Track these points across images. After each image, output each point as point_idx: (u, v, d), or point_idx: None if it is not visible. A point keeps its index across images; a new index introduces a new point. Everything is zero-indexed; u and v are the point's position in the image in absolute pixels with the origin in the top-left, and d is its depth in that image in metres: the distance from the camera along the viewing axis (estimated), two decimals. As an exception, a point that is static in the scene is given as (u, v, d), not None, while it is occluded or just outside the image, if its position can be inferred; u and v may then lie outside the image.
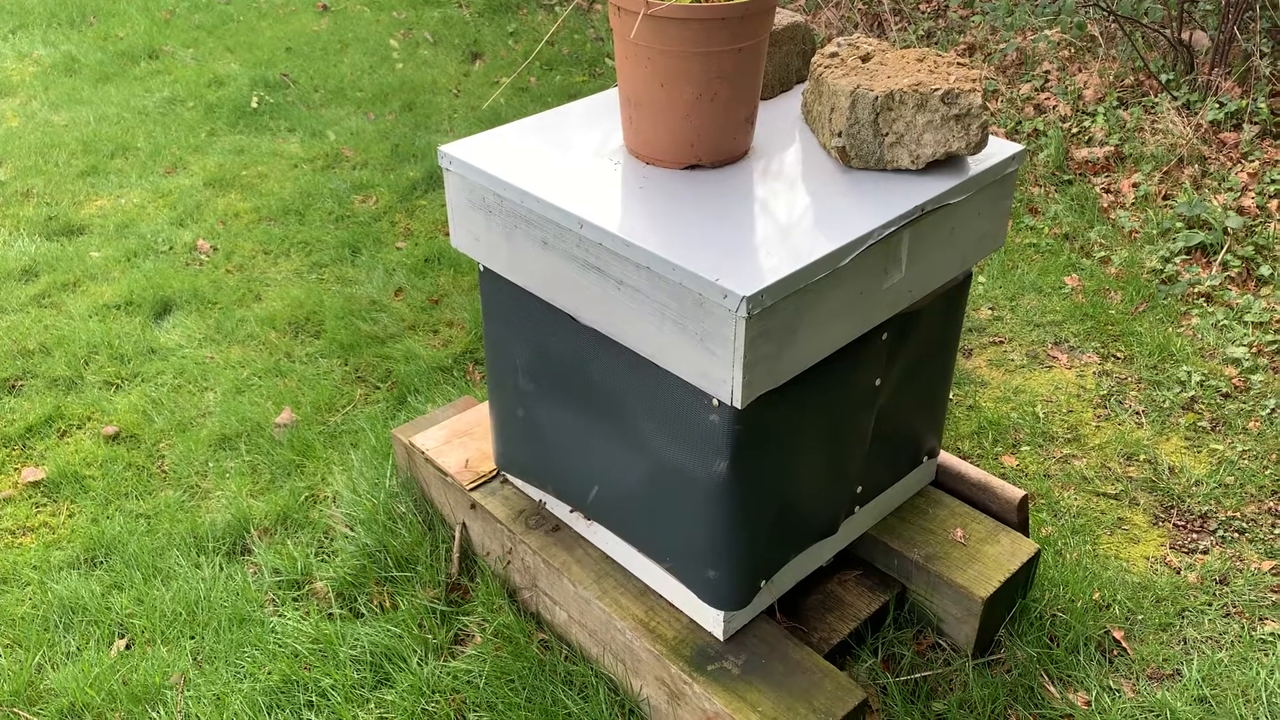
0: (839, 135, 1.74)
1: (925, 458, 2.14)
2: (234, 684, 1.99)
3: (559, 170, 1.79)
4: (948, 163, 1.80)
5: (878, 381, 1.84)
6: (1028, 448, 2.68)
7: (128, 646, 2.09)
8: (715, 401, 1.61)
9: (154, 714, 1.95)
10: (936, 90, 1.67)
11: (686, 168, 1.77)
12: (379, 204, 4.03)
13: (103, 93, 5.04)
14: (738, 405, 1.56)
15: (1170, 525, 2.45)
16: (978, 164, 1.80)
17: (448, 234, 3.82)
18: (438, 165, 4.22)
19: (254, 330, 3.26)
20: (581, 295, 1.69)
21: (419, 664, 1.98)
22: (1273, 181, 3.79)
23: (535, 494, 2.12)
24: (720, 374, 1.54)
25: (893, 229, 1.66)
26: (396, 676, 1.96)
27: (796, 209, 1.69)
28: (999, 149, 1.84)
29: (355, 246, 3.71)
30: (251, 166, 4.34)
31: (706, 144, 1.73)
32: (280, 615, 2.12)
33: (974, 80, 1.70)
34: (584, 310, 1.70)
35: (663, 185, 1.75)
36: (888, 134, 1.72)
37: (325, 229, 3.85)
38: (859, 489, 1.99)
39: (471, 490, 2.15)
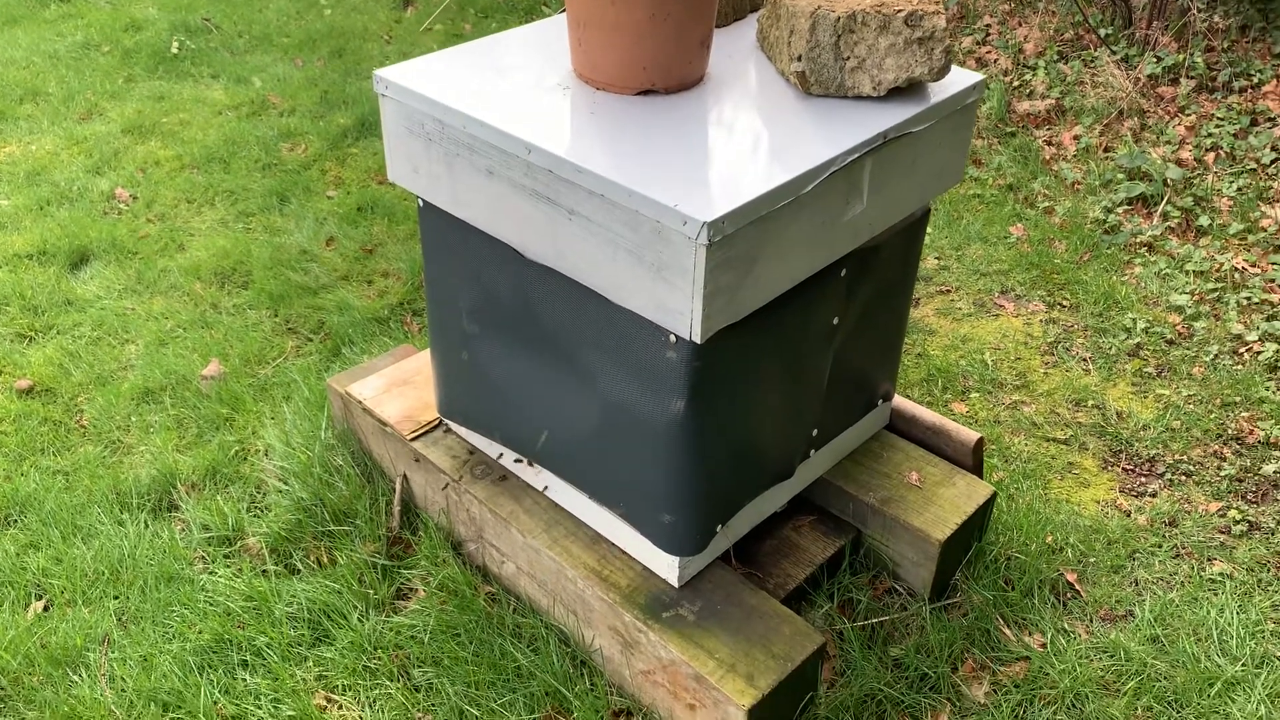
0: (798, 59, 1.66)
1: (880, 401, 2.12)
2: (162, 644, 1.92)
3: (504, 94, 1.69)
4: (909, 90, 1.74)
5: (835, 320, 1.80)
6: (977, 394, 2.67)
7: (46, 608, 2.01)
8: (672, 337, 1.55)
9: (75, 677, 1.85)
10: (900, 12, 1.60)
11: (639, 93, 1.68)
12: (308, 152, 3.91)
13: (9, 36, 4.81)
14: (696, 340, 1.50)
15: (1119, 469, 2.45)
16: (939, 92, 1.74)
17: (381, 182, 3.72)
18: (370, 112, 4.12)
19: (177, 281, 3.15)
20: (529, 228, 1.61)
21: (360, 620, 1.93)
22: (1209, 135, 3.82)
23: (480, 443, 2.06)
24: (679, 306, 1.48)
25: (855, 156, 1.59)
26: (336, 633, 1.90)
27: (756, 136, 1.61)
28: (960, 78, 1.79)
29: (284, 195, 3.60)
30: (173, 113, 4.17)
31: (660, 67, 1.64)
32: (211, 573, 2.05)
33: (936, 3, 1.63)
34: (532, 244, 1.63)
35: (615, 110, 1.66)
36: (849, 58, 1.65)
37: (252, 177, 3.73)
38: (815, 432, 1.95)
39: (413, 440, 2.08)
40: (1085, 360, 2.79)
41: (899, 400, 2.20)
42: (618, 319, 1.59)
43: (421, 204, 1.90)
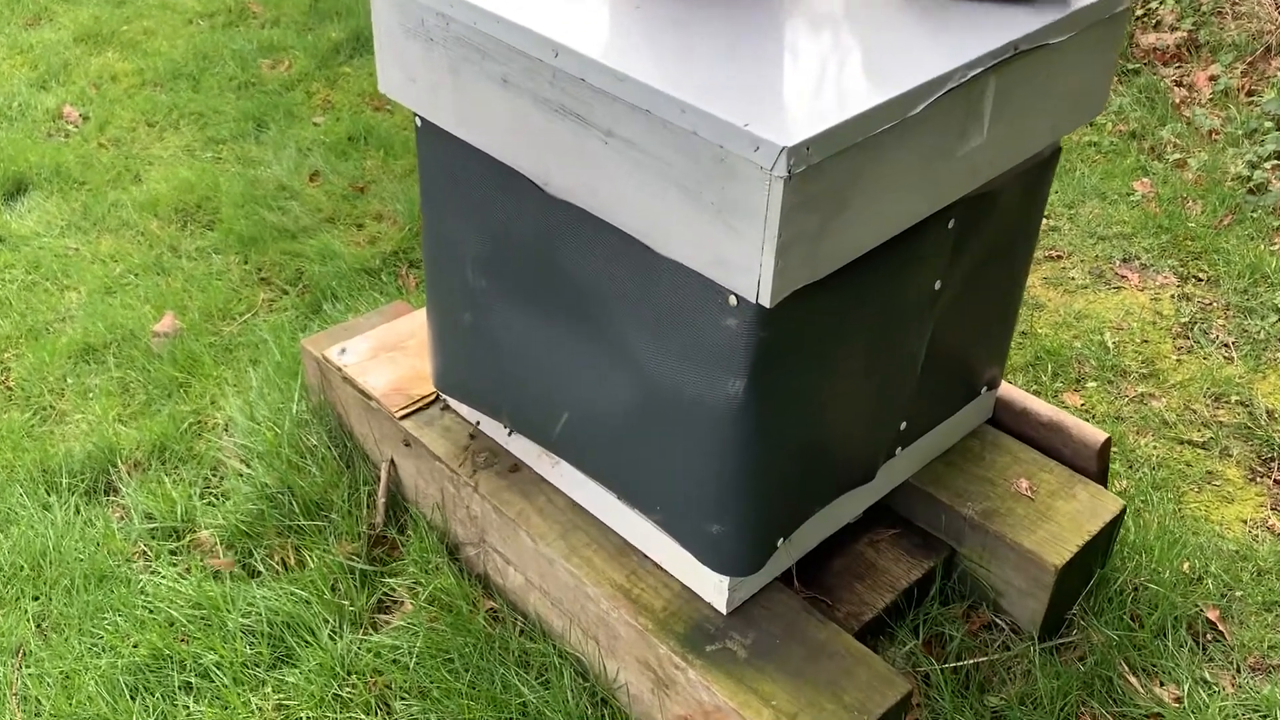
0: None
1: (984, 389, 1.99)
2: (88, 659, 1.85)
3: (526, -16, 1.52)
4: (1045, -9, 1.55)
5: (938, 285, 1.68)
6: (1095, 384, 2.57)
7: (-52, 609, 1.94)
8: (733, 299, 1.41)
9: (-21, 697, 1.72)
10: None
11: (700, -16, 1.51)
12: (292, 70, 3.82)
13: (-51, -75, 4.66)
14: (765, 302, 1.35)
15: (1270, 481, 2.32)
16: (1082, -5, 1.55)
17: (378, 108, 3.61)
18: (368, 25, 3.97)
19: (131, 218, 3.07)
20: (553, 154, 1.50)
21: (331, 637, 1.86)
22: (1381, 75, 3.58)
23: (486, 425, 1.98)
24: (743, 259, 1.34)
25: (976, 72, 1.42)
26: (302, 652, 1.83)
27: (850, 42, 1.45)
28: (1109, -21, 1.59)
29: (261, 120, 3.53)
30: (134, 21, 4.08)
31: (728, -48, 1.46)
32: (152, 573, 1.99)
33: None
34: (556, 175, 1.52)
35: (666, 7, 1.48)
36: (973, -55, 1.45)
37: (224, 98, 3.65)
38: (903, 425, 1.83)
39: (403, 418, 2.01)
40: (1227, 346, 2.69)
41: (1006, 389, 2.07)
42: (663, 274, 1.47)
43: (419, 123, 1.75)
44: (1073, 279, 2.94)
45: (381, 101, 3.62)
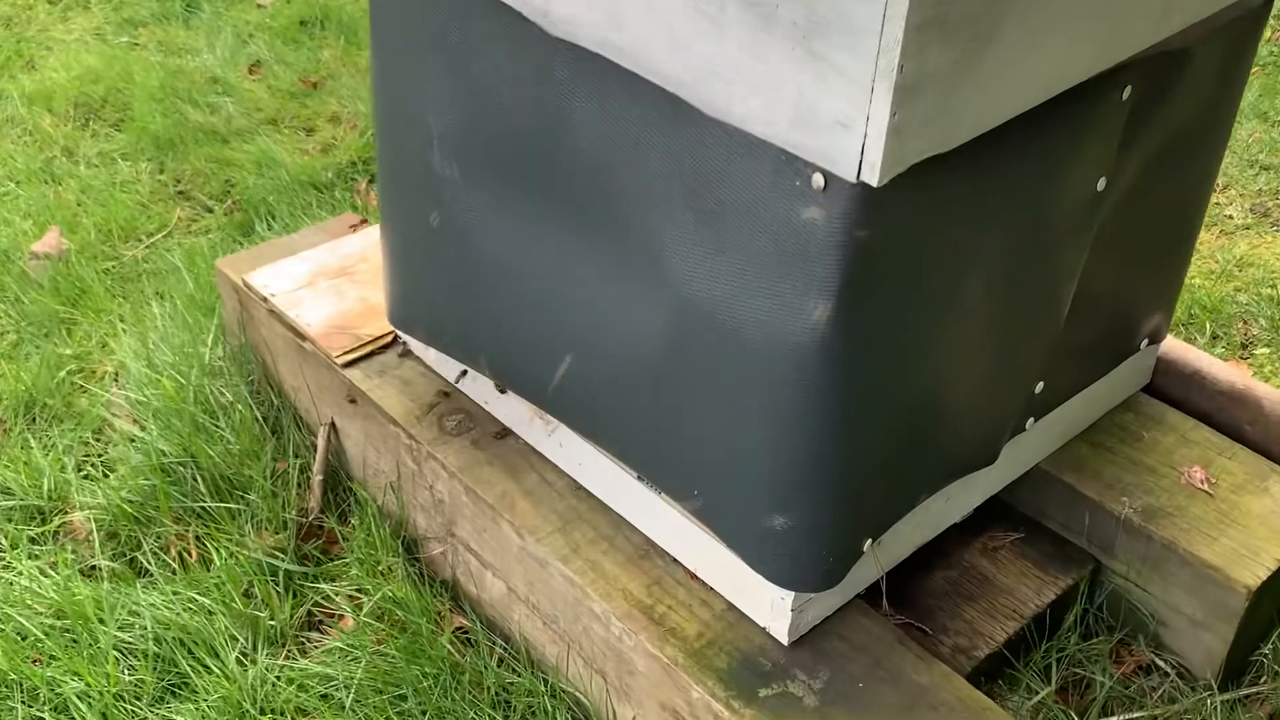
0: None
1: (1144, 342, 1.87)
2: None
3: None
4: None
5: (1102, 184, 1.50)
6: (1267, 349, 2.46)
7: None
8: (818, 179, 1.18)
9: None
10: None
11: None
12: None
13: None
14: (870, 180, 1.13)
15: None
16: None
17: None
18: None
19: (17, 112, 2.99)
20: None
21: (241, 661, 1.76)
22: None
23: (457, 374, 1.87)
24: (840, 111, 1.11)
25: None
26: (198, 681, 1.73)
27: None
28: None
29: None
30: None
31: None
32: (5, 566, 1.91)
33: None
34: (560, 1, 1.33)
35: None
36: None
37: None
38: (1039, 387, 1.67)
39: (347, 366, 1.91)
40: None
41: (1172, 345, 1.95)
42: (713, 148, 1.27)
43: (369, -60, 1.56)
44: (1230, 217, 2.87)
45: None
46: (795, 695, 1.50)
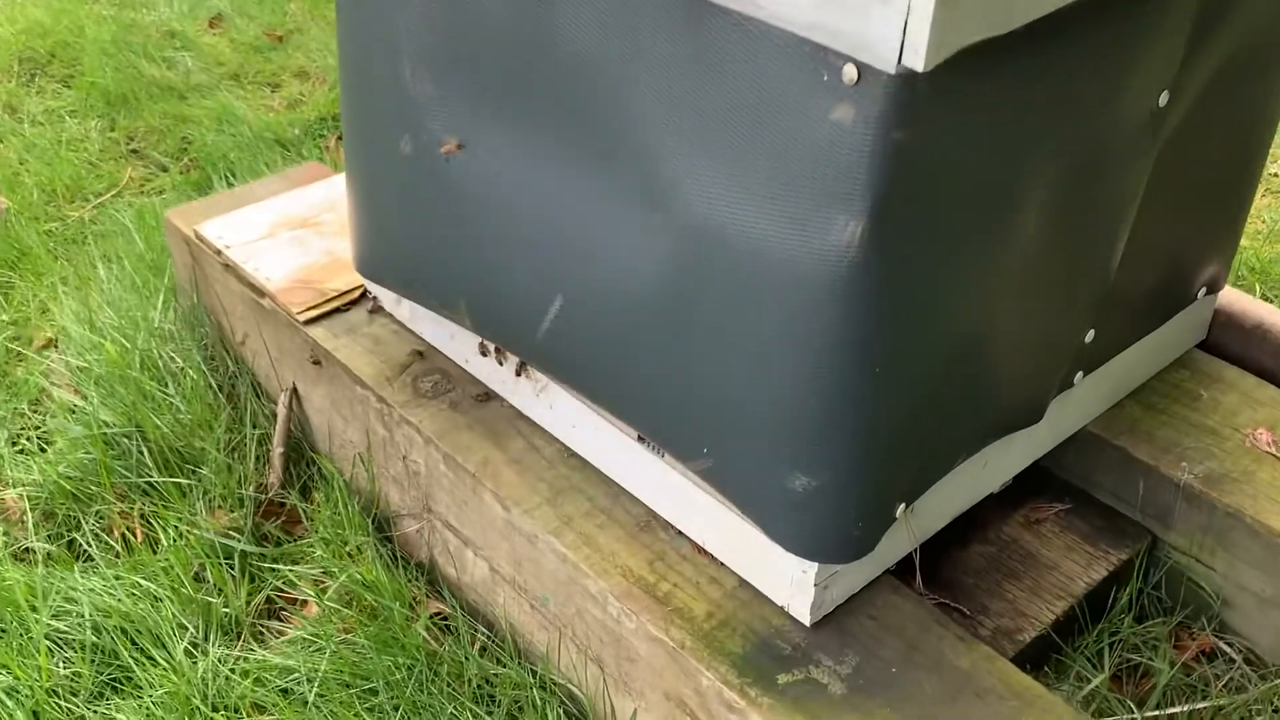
0: None
1: (1201, 291, 1.82)
2: None
3: None
4: None
5: (1164, 98, 1.42)
6: None
7: None
8: (850, 71, 1.09)
9: None
10: None
11: None
12: None
13: None
14: (914, 65, 1.03)
15: None
16: None
17: None
18: None
19: None
20: None
21: (191, 652, 1.72)
22: None
23: (435, 332, 1.81)
24: None
25: None
26: (142, 675, 1.69)
27: None
28: None
29: None
30: None
31: None
32: None
33: None
34: None
35: None
36: None
37: None
38: (1089, 336, 1.61)
39: (310, 324, 1.86)
40: None
41: (1232, 296, 1.91)
42: (728, 41, 1.19)
43: None
44: (1276, 175, 2.84)
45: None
46: (819, 682, 1.43)
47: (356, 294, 1.86)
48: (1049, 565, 1.68)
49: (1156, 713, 1.65)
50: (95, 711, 1.64)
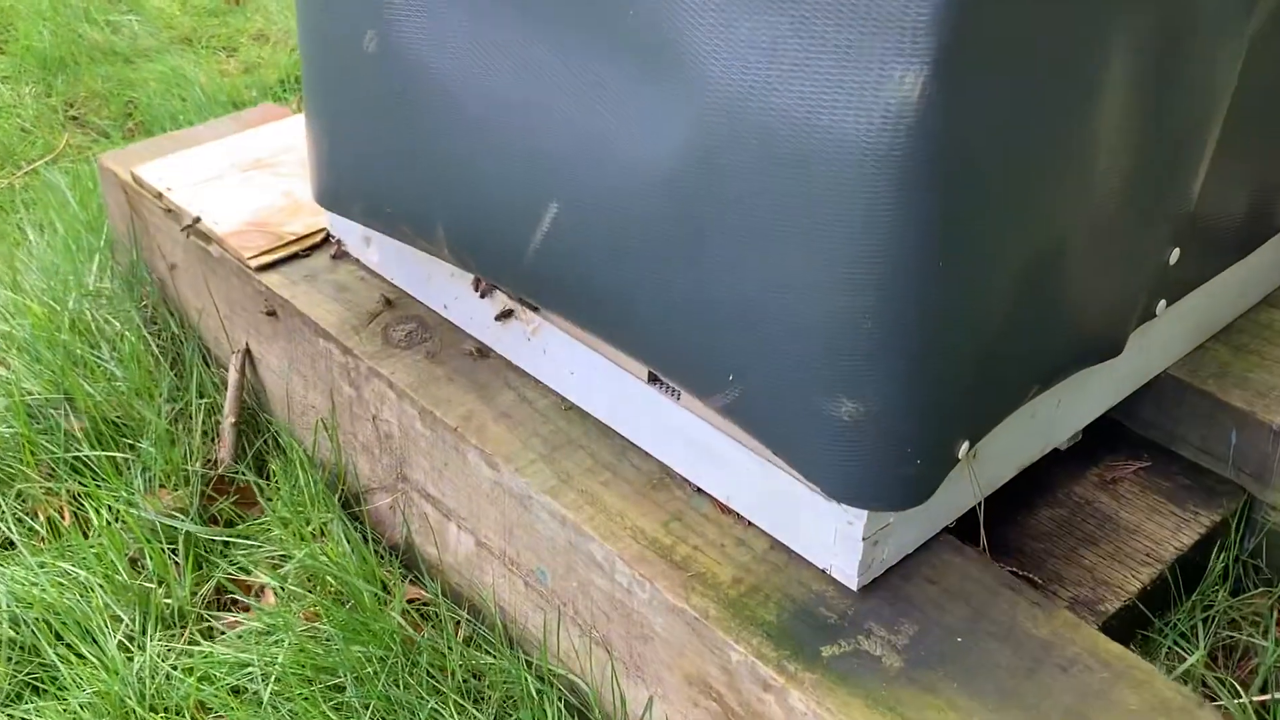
0: None
1: None
2: None
3: None
4: None
5: None
6: None
7: None
8: None
9: None
10: None
11: None
12: None
13: None
14: None
15: None
16: None
17: None
18: None
19: None
20: None
21: (124, 646, 1.66)
22: None
23: (404, 277, 1.75)
24: None
25: None
26: (68, 672, 1.62)
27: None
28: None
29: None
30: None
31: None
32: None
33: None
34: None
35: None
36: None
37: None
38: (1173, 255, 1.52)
39: (265, 270, 1.79)
40: None
41: None
42: None
43: None
44: None
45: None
46: (871, 654, 1.32)
47: (319, 238, 1.78)
48: (1130, 528, 1.60)
49: (1264, 697, 1.54)
50: (9, 716, 1.56)
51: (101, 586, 1.66)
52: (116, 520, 1.75)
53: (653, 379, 1.45)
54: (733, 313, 1.30)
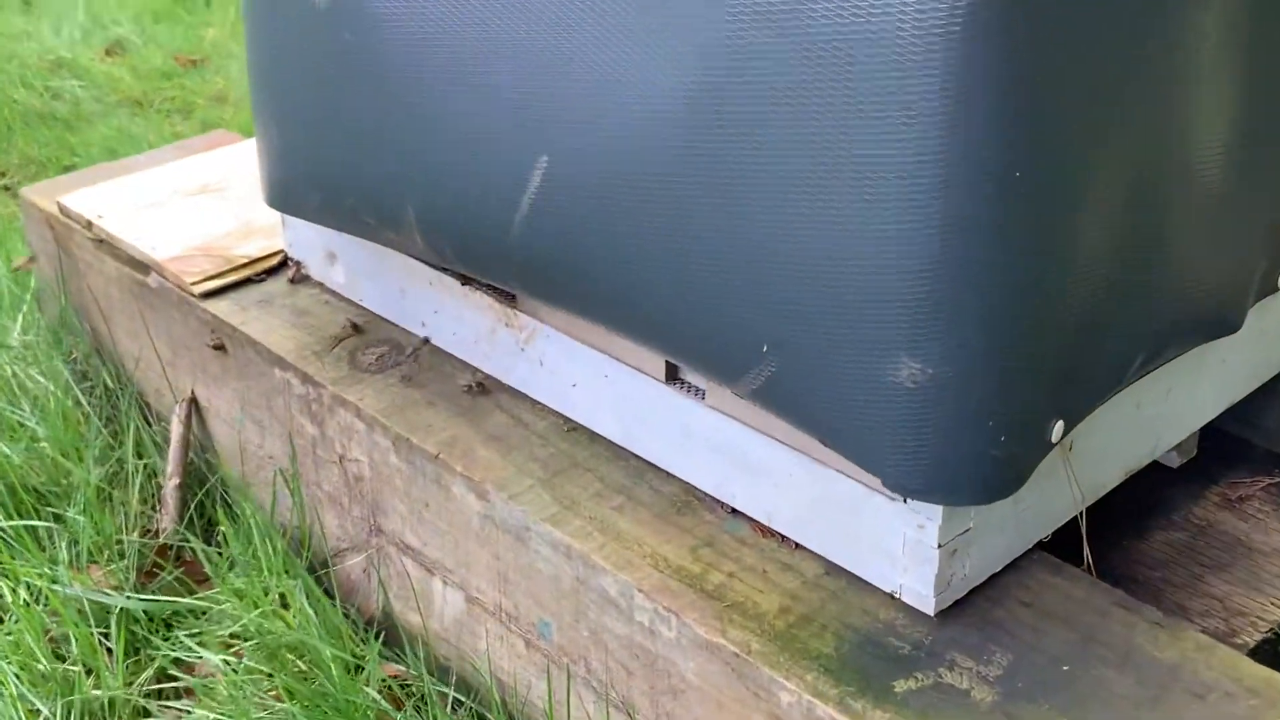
0: None
1: None
2: None
3: None
4: None
5: None
6: None
7: None
8: None
9: None
10: None
11: None
12: None
13: None
14: None
15: None
16: None
17: None
18: None
19: None
20: None
21: None
22: None
23: (376, 296, 1.72)
24: None
25: None
26: None
27: None
28: None
29: None
30: None
31: None
32: None
33: None
34: None
35: None
36: None
37: None
38: None
39: (211, 297, 1.77)
40: None
41: None
42: None
43: None
44: None
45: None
46: (958, 687, 1.22)
47: (275, 260, 1.74)
48: (1265, 552, 1.55)
49: None
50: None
51: (17, 677, 1.59)
52: (37, 601, 1.67)
53: (671, 376, 1.38)
54: (765, 270, 1.22)
